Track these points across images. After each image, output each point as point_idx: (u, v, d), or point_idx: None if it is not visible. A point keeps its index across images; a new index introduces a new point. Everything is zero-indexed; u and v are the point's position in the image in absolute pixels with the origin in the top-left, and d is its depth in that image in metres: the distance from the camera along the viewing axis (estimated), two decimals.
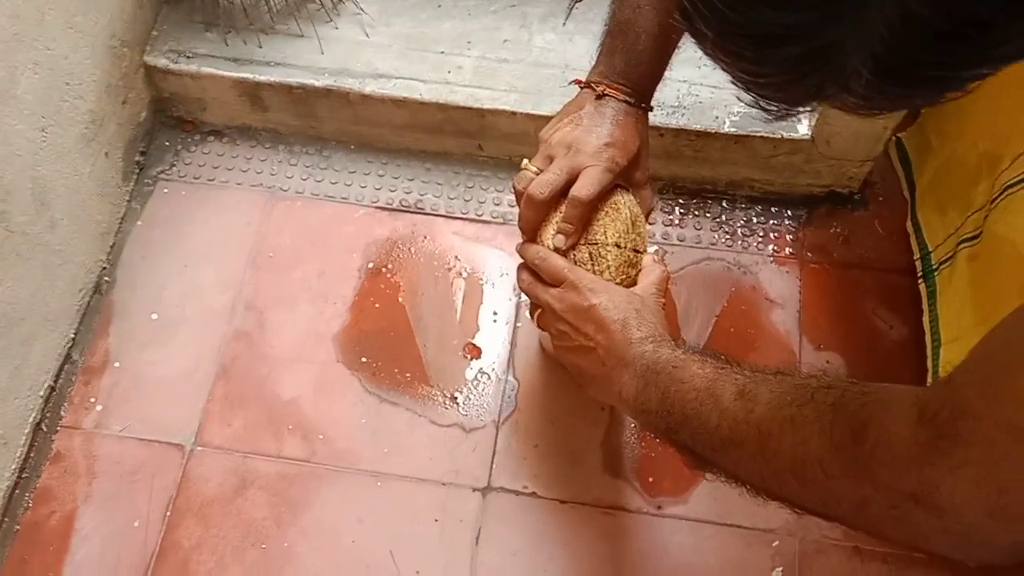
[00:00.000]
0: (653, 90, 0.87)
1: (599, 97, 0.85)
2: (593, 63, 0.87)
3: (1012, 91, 0.84)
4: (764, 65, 0.41)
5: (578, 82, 0.88)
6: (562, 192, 0.83)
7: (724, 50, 0.42)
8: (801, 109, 0.43)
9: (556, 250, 0.83)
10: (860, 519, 0.61)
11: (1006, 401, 0.50)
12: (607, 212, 0.84)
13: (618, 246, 0.83)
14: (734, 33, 0.40)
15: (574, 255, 0.84)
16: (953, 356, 0.90)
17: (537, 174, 0.84)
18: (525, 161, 0.87)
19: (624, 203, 0.85)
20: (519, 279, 0.87)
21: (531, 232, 0.86)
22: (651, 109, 0.88)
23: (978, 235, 0.85)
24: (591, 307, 0.78)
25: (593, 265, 0.83)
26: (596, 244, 0.83)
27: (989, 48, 0.37)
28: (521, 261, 0.87)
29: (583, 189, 0.81)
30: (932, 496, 0.54)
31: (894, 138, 1.07)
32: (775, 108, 0.44)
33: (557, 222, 0.83)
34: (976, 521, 0.53)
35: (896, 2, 0.35)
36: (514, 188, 0.86)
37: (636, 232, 0.85)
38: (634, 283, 0.84)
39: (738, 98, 0.45)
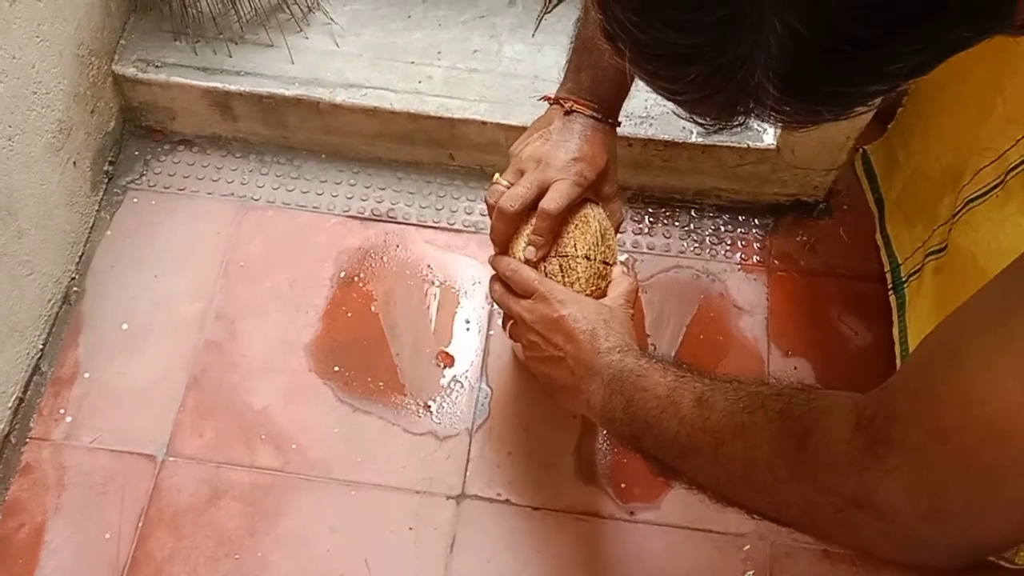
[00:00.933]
0: (620, 105, 0.89)
1: (567, 113, 0.86)
2: (561, 79, 0.89)
3: (970, 106, 0.86)
4: (676, 83, 0.42)
5: (547, 98, 0.90)
6: (532, 205, 0.84)
7: (641, 68, 0.43)
8: (731, 123, 0.44)
9: (527, 262, 0.85)
10: (809, 523, 0.63)
11: (932, 405, 0.52)
12: (577, 225, 0.86)
13: (588, 258, 0.85)
14: (646, 53, 0.42)
15: (545, 267, 0.85)
16: None
17: (508, 187, 0.86)
18: (497, 175, 0.89)
19: (594, 216, 0.87)
20: (491, 290, 0.88)
21: (503, 244, 0.88)
22: (619, 124, 0.89)
23: (944, 248, 0.87)
24: (560, 318, 0.80)
25: (563, 277, 0.85)
26: (566, 256, 0.85)
27: (879, 65, 0.38)
28: (493, 272, 0.89)
29: (552, 202, 0.83)
30: (871, 500, 0.55)
31: (860, 151, 1.10)
32: (705, 122, 0.46)
33: (528, 234, 0.85)
34: (913, 524, 0.54)
35: (783, 22, 0.37)
36: (486, 201, 0.88)
37: (605, 244, 0.87)
38: (604, 294, 0.86)
39: (674, 113, 0.46)
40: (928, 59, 0.39)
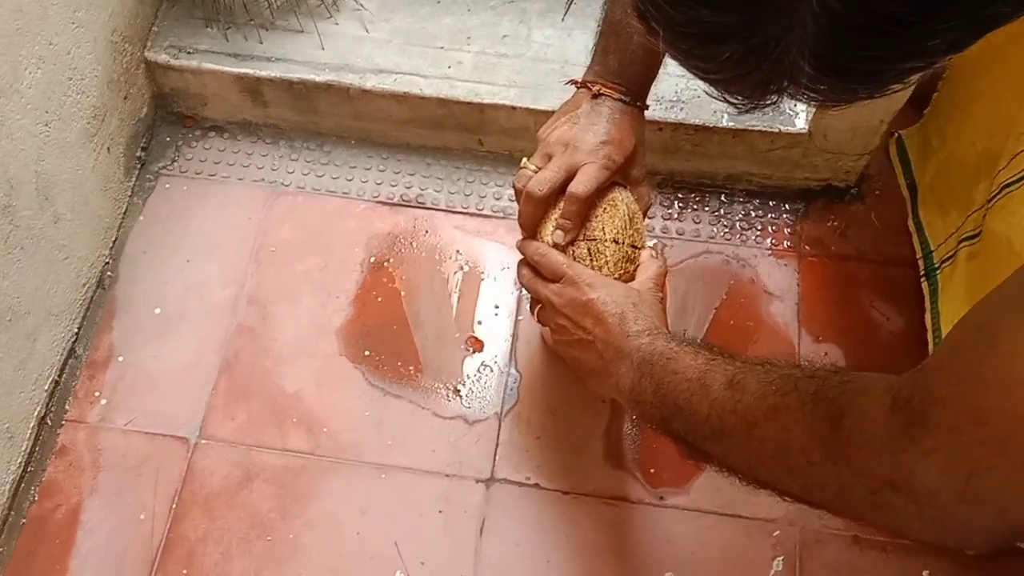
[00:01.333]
0: (648, 88, 0.88)
1: (595, 96, 0.86)
2: (588, 62, 0.89)
3: (1007, 92, 0.85)
4: (710, 61, 0.42)
5: (574, 82, 0.89)
6: (560, 189, 0.84)
7: (675, 47, 0.44)
8: (763, 102, 0.44)
9: (555, 246, 0.85)
10: (842, 505, 0.63)
11: (971, 386, 0.51)
12: (605, 209, 0.86)
13: (616, 242, 0.85)
14: (680, 32, 0.42)
15: (573, 251, 0.85)
16: None
17: (536, 172, 0.86)
18: (524, 159, 0.88)
19: (622, 200, 0.87)
20: (519, 274, 0.89)
21: (531, 229, 0.87)
22: (647, 107, 0.89)
23: (978, 234, 0.86)
24: (589, 301, 0.80)
25: (591, 261, 0.84)
26: (594, 240, 0.85)
27: (915, 42, 0.38)
28: (521, 257, 0.89)
29: (580, 185, 0.83)
30: (907, 482, 0.55)
31: (895, 135, 1.08)
32: (738, 101, 0.46)
33: (556, 219, 0.85)
34: (949, 505, 0.54)
35: (822, 4, 0.37)
36: (514, 186, 0.88)
37: (634, 228, 0.87)
38: (632, 278, 0.86)
39: (706, 92, 0.46)
40: (965, 35, 0.38)
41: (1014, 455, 0.50)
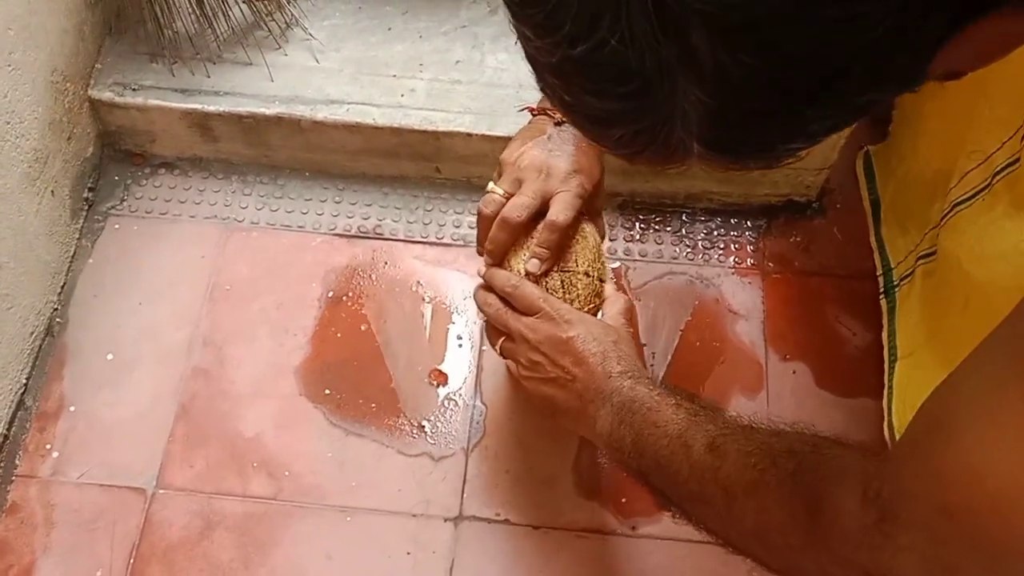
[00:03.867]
0: None
1: (558, 124, 0.84)
2: None
3: (958, 109, 0.84)
4: (604, 140, 0.44)
5: (531, 109, 0.87)
6: (534, 217, 0.82)
7: (573, 123, 0.46)
8: (668, 165, 0.45)
9: (527, 275, 0.82)
10: None
11: (934, 482, 0.49)
12: (577, 240, 0.84)
13: (587, 275, 0.83)
14: (573, 113, 0.44)
15: (546, 283, 0.82)
16: (906, 371, 0.91)
17: (505, 197, 0.83)
18: (491, 184, 0.86)
19: (589, 231, 0.85)
20: (484, 304, 0.85)
21: (500, 256, 0.84)
22: None
23: (934, 252, 0.86)
24: (570, 339, 0.77)
25: (564, 293, 0.82)
26: (568, 272, 0.83)
27: (792, 128, 0.40)
28: (481, 285, 0.86)
29: (560, 214, 0.80)
30: (886, 575, 0.53)
31: (864, 149, 1.08)
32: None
33: (528, 247, 0.82)
34: None
35: (694, 96, 0.38)
36: (479, 211, 0.84)
37: (600, 261, 0.85)
38: (597, 312, 0.84)
39: None
40: (842, 120, 0.40)
41: (985, 553, 0.48)
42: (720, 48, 0.36)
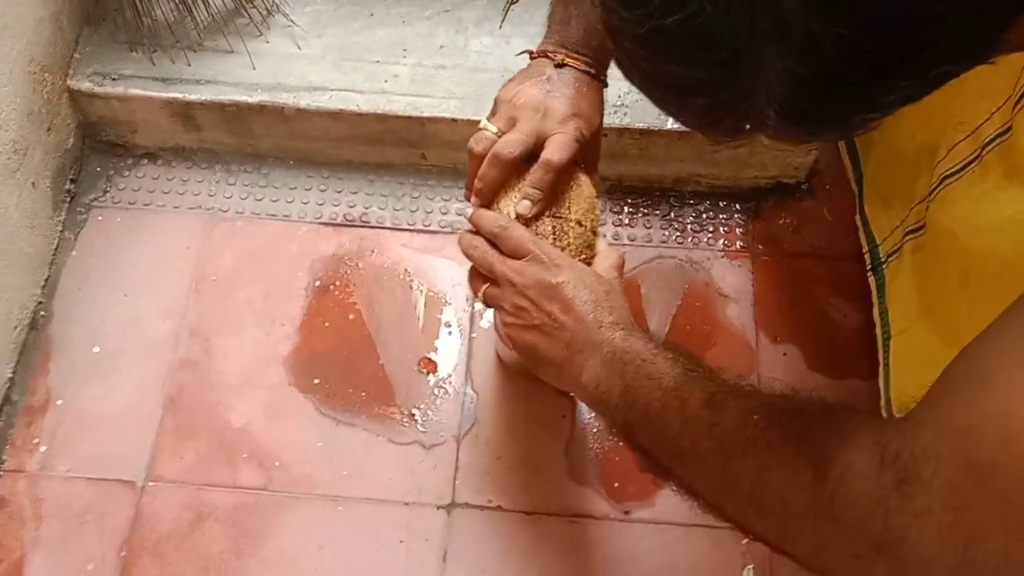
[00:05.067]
0: (608, 63, 0.82)
1: (558, 66, 0.80)
2: (545, 31, 0.83)
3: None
4: (682, 109, 0.46)
5: (530, 53, 0.83)
6: (526, 157, 0.78)
7: (649, 94, 0.47)
8: (734, 140, 0.46)
9: (518, 218, 0.77)
10: (817, 563, 0.58)
11: (965, 437, 0.48)
12: (571, 187, 0.80)
13: (580, 224, 0.79)
14: (653, 82, 0.45)
15: (536, 227, 0.78)
16: (902, 347, 0.90)
17: (498, 135, 0.79)
18: (484, 120, 0.81)
19: (585, 182, 0.81)
20: (470, 247, 0.79)
21: (488, 197, 0.80)
22: (607, 85, 0.83)
23: (922, 226, 0.85)
24: (558, 284, 0.73)
25: (555, 240, 0.78)
26: (560, 218, 0.79)
27: (872, 98, 0.41)
28: (467, 229, 0.81)
29: (555, 154, 0.76)
30: (897, 547, 0.51)
31: None
32: (711, 135, 0.48)
33: (520, 188, 0.78)
34: None
35: (783, 65, 0.39)
36: (470, 150, 0.80)
37: (595, 213, 0.81)
38: (589, 265, 0.79)
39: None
40: (918, 92, 0.42)
41: (1013, 516, 0.46)
42: (813, 18, 0.37)
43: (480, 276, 0.79)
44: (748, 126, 0.44)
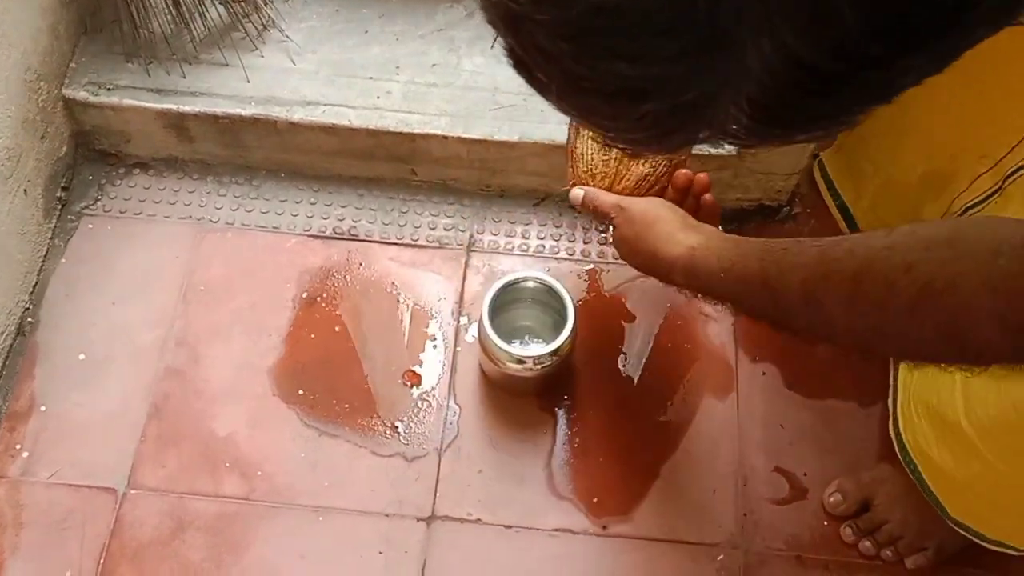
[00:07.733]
0: None
1: None
2: None
3: (940, 117, 0.86)
4: (620, 121, 0.35)
5: None
6: None
7: (571, 104, 0.36)
8: (667, 151, 0.41)
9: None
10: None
11: None
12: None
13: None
14: (579, 88, 0.34)
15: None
16: (911, 371, 0.91)
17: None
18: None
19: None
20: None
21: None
22: None
23: None
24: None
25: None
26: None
27: (884, 83, 0.33)
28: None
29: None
30: None
31: (816, 157, 1.09)
32: (631, 148, 0.40)
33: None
34: None
35: (779, 48, 0.30)
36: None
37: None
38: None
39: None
40: (934, 69, 0.33)
41: None
42: None
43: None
44: (695, 137, 0.35)
